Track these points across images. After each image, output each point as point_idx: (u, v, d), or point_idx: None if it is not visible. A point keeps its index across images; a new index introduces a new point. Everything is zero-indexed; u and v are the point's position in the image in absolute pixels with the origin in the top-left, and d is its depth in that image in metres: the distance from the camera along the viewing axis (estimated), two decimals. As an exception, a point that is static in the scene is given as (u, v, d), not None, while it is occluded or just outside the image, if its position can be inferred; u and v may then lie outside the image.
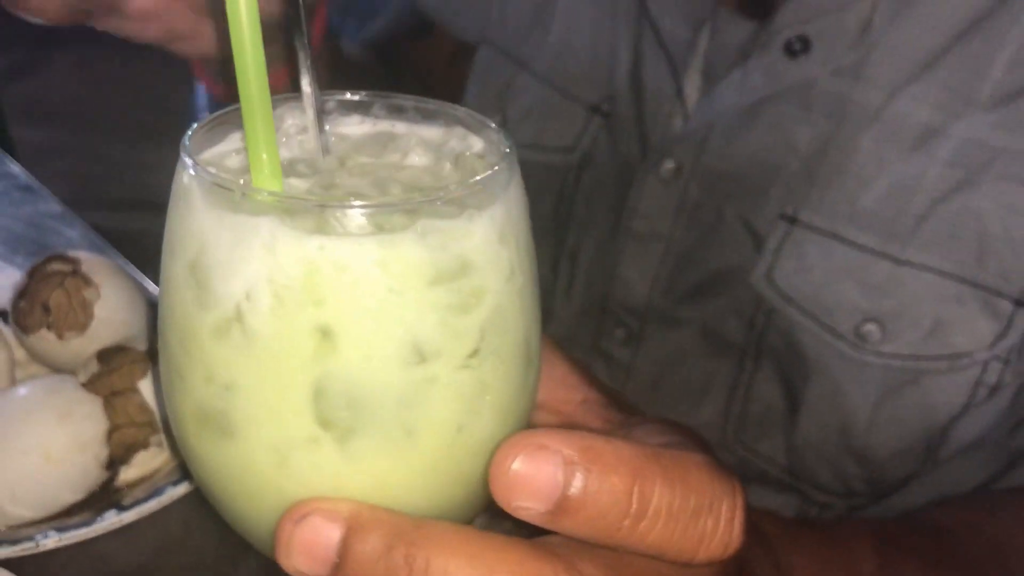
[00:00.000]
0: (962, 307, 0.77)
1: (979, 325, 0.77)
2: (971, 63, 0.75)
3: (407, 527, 0.35)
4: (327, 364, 0.35)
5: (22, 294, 0.80)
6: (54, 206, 1.23)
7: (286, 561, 0.36)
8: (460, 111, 0.44)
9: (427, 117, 0.45)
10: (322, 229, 0.35)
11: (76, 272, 0.81)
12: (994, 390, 0.79)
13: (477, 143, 0.44)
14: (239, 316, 0.36)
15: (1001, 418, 0.82)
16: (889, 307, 0.78)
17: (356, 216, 0.35)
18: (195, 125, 0.41)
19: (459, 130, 0.44)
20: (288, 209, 0.35)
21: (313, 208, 0.35)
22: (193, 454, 0.41)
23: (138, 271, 1.00)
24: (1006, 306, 0.76)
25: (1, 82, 3.33)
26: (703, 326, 0.91)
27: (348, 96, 0.45)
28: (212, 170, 0.38)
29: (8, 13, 0.83)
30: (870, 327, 0.79)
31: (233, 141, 0.43)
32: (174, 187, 0.39)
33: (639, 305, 0.95)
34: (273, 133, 0.37)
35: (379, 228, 0.35)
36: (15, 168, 1.36)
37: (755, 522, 0.58)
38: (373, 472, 0.37)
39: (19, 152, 2.05)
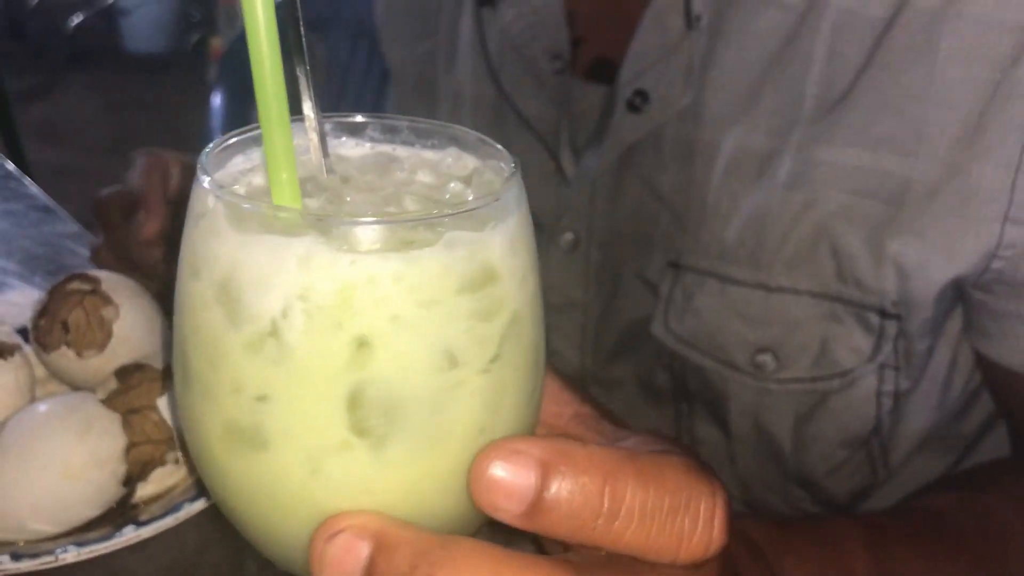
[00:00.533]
0: (840, 325, 0.78)
1: (857, 340, 0.78)
2: (788, 85, 0.77)
3: (432, 546, 0.36)
4: (362, 374, 0.37)
5: (42, 312, 0.82)
6: (71, 226, 1.25)
7: None
8: (456, 130, 0.46)
9: (422, 137, 0.46)
10: (355, 245, 0.36)
11: (95, 291, 0.82)
12: (899, 396, 0.81)
13: (472, 161, 0.45)
14: (274, 331, 0.37)
15: (938, 414, 0.84)
16: (775, 335, 0.80)
17: (388, 231, 0.36)
18: (207, 149, 0.42)
19: (454, 149, 0.46)
20: (322, 227, 0.36)
21: (347, 225, 0.36)
22: (219, 470, 0.41)
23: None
24: (874, 319, 0.77)
25: (17, 104, 3.37)
26: (637, 381, 0.94)
27: (344, 118, 0.46)
28: (240, 191, 0.39)
29: (24, 37, 0.87)
30: (764, 357, 0.81)
31: (237, 164, 0.44)
32: (193, 209, 0.40)
33: (575, 372, 0.98)
34: (292, 153, 0.38)
35: (409, 241, 0.37)
36: (33, 189, 1.38)
37: (743, 530, 0.59)
38: (403, 477, 0.38)
39: (34, 173, 2.08)
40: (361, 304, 0.36)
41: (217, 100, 2.50)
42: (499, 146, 0.44)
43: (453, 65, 1.01)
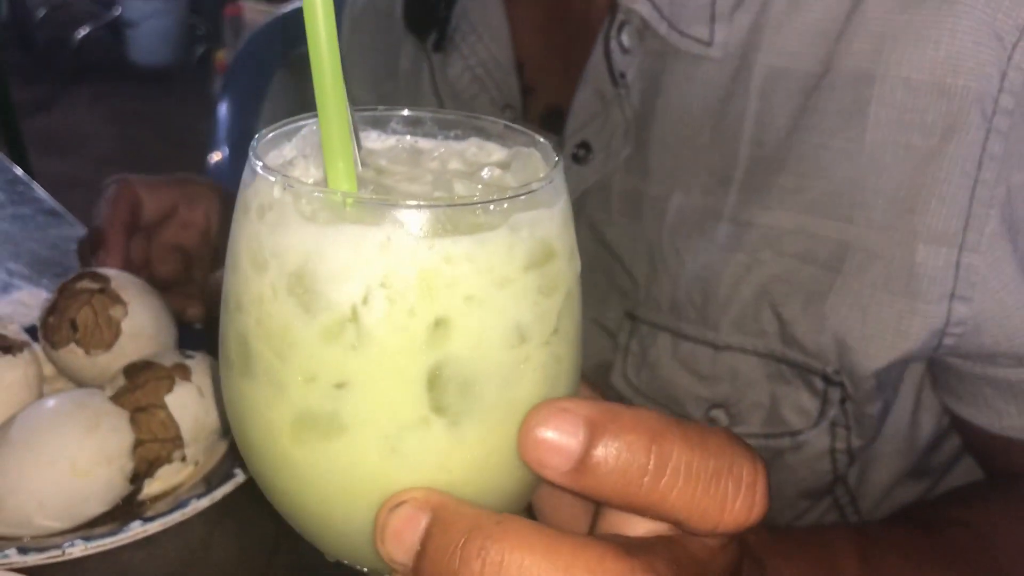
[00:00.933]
0: (788, 385, 0.78)
1: (804, 401, 0.78)
2: (723, 144, 0.77)
3: (486, 521, 0.37)
4: (441, 353, 0.38)
5: (51, 310, 0.82)
6: (78, 230, 1.25)
7: (381, 547, 0.39)
8: (479, 120, 0.47)
9: (444, 128, 0.47)
10: (431, 230, 0.37)
11: (104, 290, 0.82)
12: (854, 452, 0.80)
13: (495, 148, 0.46)
14: (354, 317, 0.37)
15: (907, 459, 0.84)
16: (726, 392, 0.80)
17: (461, 215, 0.38)
18: (255, 142, 0.42)
19: (475, 139, 0.47)
20: (399, 214, 0.37)
21: (425, 210, 0.37)
22: (284, 462, 0.41)
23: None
24: (818, 383, 0.77)
25: (24, 115, 3.38)
26: None
27: (366, 111, 0.47)
28: (310, 182, 0.40)
29: (31, 48, 0.89)
30: (717, 413, 0.81)
31: (271, 159, 0.44)
32: (252, 203, 0.40)
33: None
34: (349, 143, 0.39)
35: (478, 224, 0.38)
36: (41, 193, 1.38)
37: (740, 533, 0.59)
38: (475, 452, 0.39)
39: (39, 183, 2.08)
40: (440, 286, 0.37)
41: (222, 112, 2.51)
42: (525, 130, 0.45)
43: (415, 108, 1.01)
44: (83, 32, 5.72)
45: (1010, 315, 0.71)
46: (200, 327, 0.93)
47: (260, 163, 0.40)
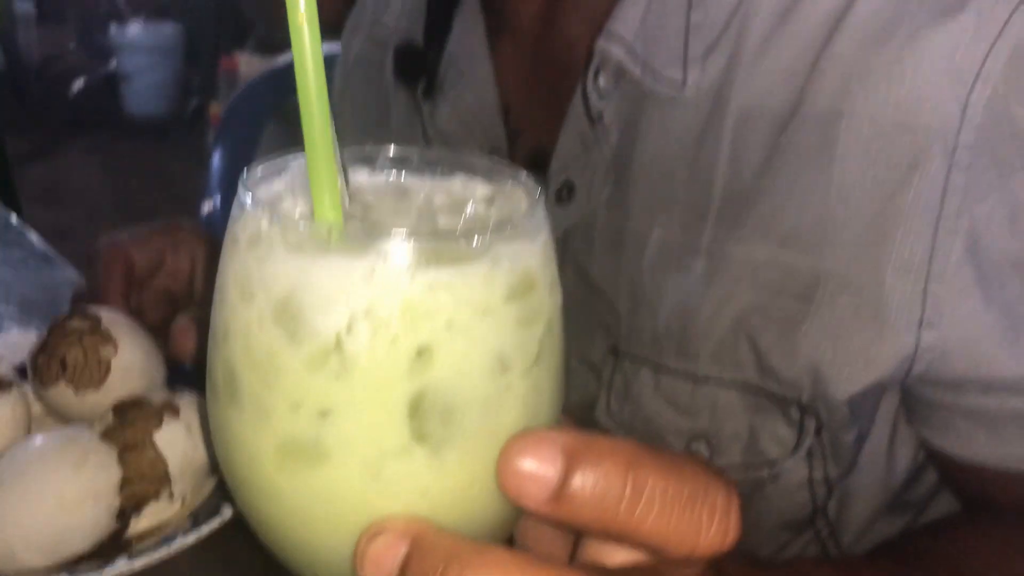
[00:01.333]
0: (766, 416, 0.79)
1: (781, 431, 0.79)
2: (699, 181, 0.78)
3: (465, 550, 0.38)
4: (423, 382, 0.39)
5: (41, 349, 0.82)
6: (70, 273, 1.26)
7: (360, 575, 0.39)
8: (465, 157, 0.48)
9: (430, 164, 0.48)
10: (414, 261, 0.39)
11: (95, 330, 0.83)
12: (832, 483, 0.81)
13: (480, 184, 0.47)
14: (338, 346, 0.39)
15: (885, 493, 0.84)
16: (705, 425, 0.81)
17: (444, 247, 0.39)
18: (244, 177, 0.43)
19: (461, 175, 0.48)
20: (384, 245, 0.38)
21: (408, 242, 0.38)
22: (268, 490, 0.42)
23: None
24: (795, 412, 0.78)
25: (18, 166, 3.41)
26: None
27: (351, 148, 0.48)
28: (298, 215, 0.42)
29: (26, 100, 0.90)
30: (697, 446, 0.82)
31: (261, 193, 0.46)
32: (241, 234, 0.41)
33: None
34: (335, 177, 0.41)
35: (460, 256, 0.39)
36: (33, 237, 1.40)
37: (719, 564, 0.60)
38: (457, 480, 0.40)
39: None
40: (423, 316, 0.38)
41: (215, 162, 2.54)
42: (509, 166, 0.46)
43: None
44: (78, 85, 5.78)
45: (977, 341, 0.72)
46: (189, 366, 0.94)
47: (249, 196, 0.42)
